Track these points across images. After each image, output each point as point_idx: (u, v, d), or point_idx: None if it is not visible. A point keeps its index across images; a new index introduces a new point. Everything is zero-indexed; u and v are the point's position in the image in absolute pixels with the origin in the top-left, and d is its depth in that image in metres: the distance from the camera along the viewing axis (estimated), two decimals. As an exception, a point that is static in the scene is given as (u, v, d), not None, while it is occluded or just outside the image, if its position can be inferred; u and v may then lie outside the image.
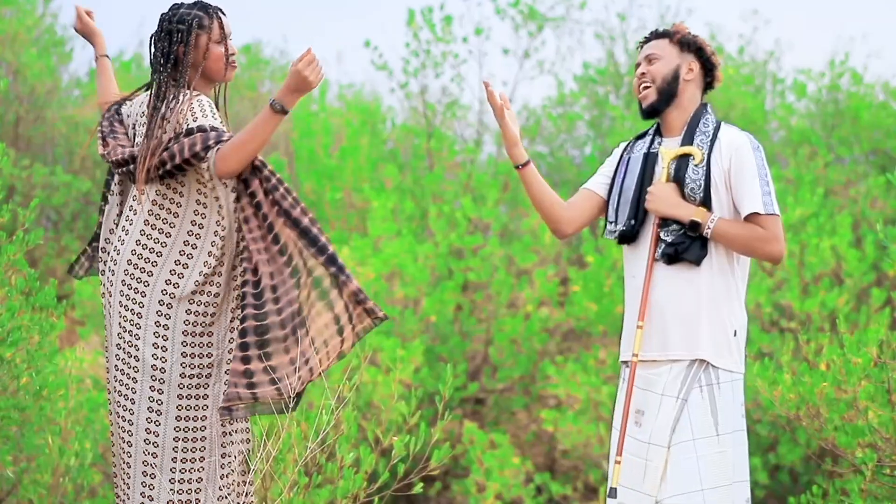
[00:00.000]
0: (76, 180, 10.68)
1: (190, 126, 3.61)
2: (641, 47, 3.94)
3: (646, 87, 3.85)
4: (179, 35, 3.71)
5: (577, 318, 9.02)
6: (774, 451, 8.16)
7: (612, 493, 3.67)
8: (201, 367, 3.70)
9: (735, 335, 3.75)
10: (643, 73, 3.85)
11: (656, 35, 3.91)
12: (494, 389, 9.25)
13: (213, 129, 3.61)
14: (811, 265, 8.31)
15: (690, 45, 3.85)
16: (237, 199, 3.68)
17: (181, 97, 3.66)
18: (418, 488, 4.40)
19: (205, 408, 3.72)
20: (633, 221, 3.81)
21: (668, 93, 3.83)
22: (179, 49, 3.72)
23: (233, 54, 3.77)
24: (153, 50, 3.76)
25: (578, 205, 3.96)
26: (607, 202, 3.94)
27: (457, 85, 10.69)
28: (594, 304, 8.79)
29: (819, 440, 4.76)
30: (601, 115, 11.27)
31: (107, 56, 4.19)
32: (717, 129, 3.79)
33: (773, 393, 4.78)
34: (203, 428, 3.71)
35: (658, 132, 3.90)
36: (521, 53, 10.92)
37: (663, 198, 3.74)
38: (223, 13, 3.80)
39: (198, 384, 3.70)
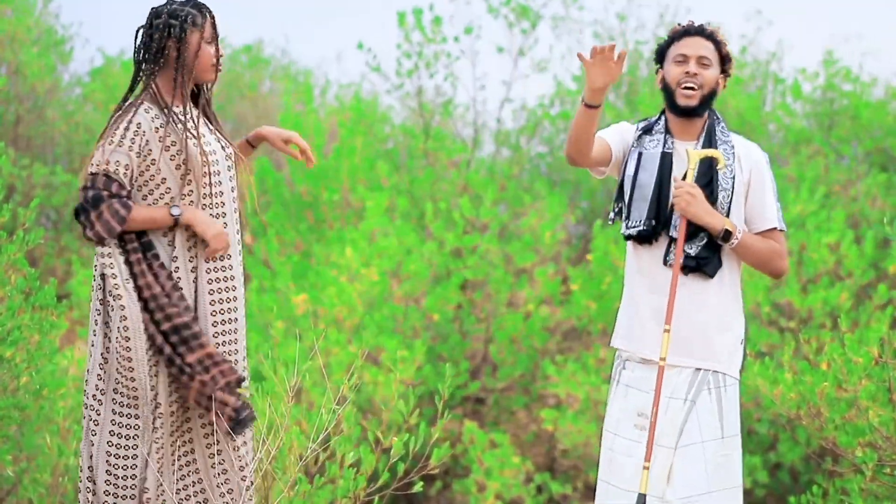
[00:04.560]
0: (76, 180, 10.67)
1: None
2: (682, 37, 3.75)
3: (691, 88, 3.70)
4: (171, 30, 3.58)
5: (577, 316, 9.02)
6: (774, 450, 8.16)
7: (642, 499, 3.62)
8: None
9: (741, 343, 3.78)
10: (695, 74, 3.70)
11: (706, 34, 3.75)
12: (494, 389, 9.24)
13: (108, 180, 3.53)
14: (811, 263, 8.30)
15: (725, 62, 3.75)
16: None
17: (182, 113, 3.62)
18: (418, 487, 4.40)
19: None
20: (653, 222, 3.70)
21: (708, 103, 3.74)
22: (169, 43, 3.59)
23: (221, 56, 3.68)
24: (138, 42, 3.63)
25: (595, 147, 3.77)
26: (619, 188, 3.83)
27: (450, 84, 10.69)
28: (593, 302, 8.78)
29: (819, 439, 4.75)
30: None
31: None
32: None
33: (773, 392, 4.78)
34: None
35: (667, 132, 3.79)
36: (514, 52, 10.90)
37: (701, 202, 3.62)
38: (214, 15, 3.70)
39: None
